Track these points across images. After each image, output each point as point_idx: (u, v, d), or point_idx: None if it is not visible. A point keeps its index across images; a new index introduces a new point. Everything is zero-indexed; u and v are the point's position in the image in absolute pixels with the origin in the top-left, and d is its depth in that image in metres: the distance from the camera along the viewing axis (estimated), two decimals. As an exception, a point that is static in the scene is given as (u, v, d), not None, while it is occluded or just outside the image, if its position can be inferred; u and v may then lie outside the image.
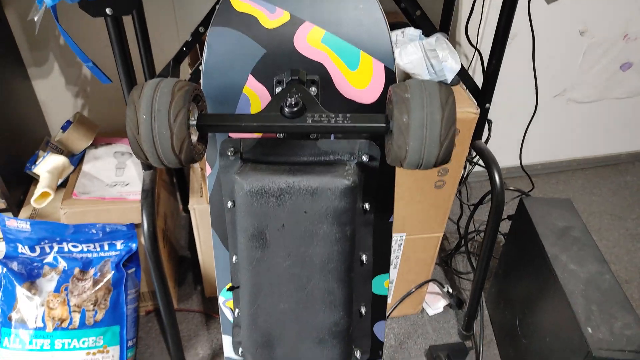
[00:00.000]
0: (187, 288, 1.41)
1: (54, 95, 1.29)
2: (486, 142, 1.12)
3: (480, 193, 1.28)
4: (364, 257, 0.77)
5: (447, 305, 1.37)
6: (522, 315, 1.13)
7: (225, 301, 0.84)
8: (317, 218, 0.68)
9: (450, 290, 1.32)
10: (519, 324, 1.15)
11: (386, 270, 0.81)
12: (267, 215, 0.69)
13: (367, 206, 0.74)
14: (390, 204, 0.77)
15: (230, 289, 0.78)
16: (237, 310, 0.81)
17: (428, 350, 1.24)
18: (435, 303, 1.36)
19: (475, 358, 1.25)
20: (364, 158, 0.71)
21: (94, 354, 1.07)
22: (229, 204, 0.74)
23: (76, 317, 1.05)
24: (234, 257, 0.78)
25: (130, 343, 1.13)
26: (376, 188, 0.74)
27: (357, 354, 0.81)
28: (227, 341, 0.86)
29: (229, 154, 0.72)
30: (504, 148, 1.45)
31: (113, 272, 1.09)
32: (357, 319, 0.80)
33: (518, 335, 1.14)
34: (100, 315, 1.08)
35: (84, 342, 1.06)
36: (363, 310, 0.80)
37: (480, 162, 1.08)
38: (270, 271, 0.72)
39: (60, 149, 1.16)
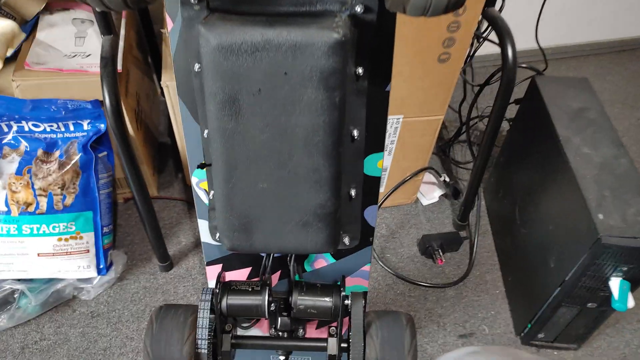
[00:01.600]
0: (167, 176, 1.32)
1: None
2: (499, 11, 0.97)
3: (485, 78, 1.16)
4: (355, 132, 0.67)
5: (442, 195, 1.30)
6: (524, 204, 1.06)
7: (199, 182, 0.75)
8: (300, 81, 0.57)
9: (447, 179, 1.25)
10: (518, 213, 1.08)
11: (380, 148, 0.71)
12: (239, 77, 0.57)
13: (360, 70, 0.62)
14: (387, 69, 0.65)
15: (201, 167, 0.68)
16: (211, 192, 0.72)
17: (421, 239, 1.19)
18: (431, 193, 1.29)
19: (469, 248, 1.20)
20: (358, 9, 0.58)
21: (66, 240, 1.01)
22: (196, 66, 0.62)
23: (43, 202, 0.97)
24: (206, 131, 0.67)
25: (105, 230, 1.06)
26: (372, 49, 0.62)
27: (346, 239, 0.74)
28: (203, 226, 0.78)
29: (193, 1, 0.59)
30: (516, 28, 1.30)
31: (80, 154, 0.99)
32: (347, 202, 0.72)
33: (517, 224, 1.08)
34: (69, 200, 0.99)
35: (54, 228, 0.99)
36: (353, 192, 0.71)
37: (490, 37, 0.94)
38: (245, 145, 0.62)
39: (9, 14, 1.01)
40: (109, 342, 1.02)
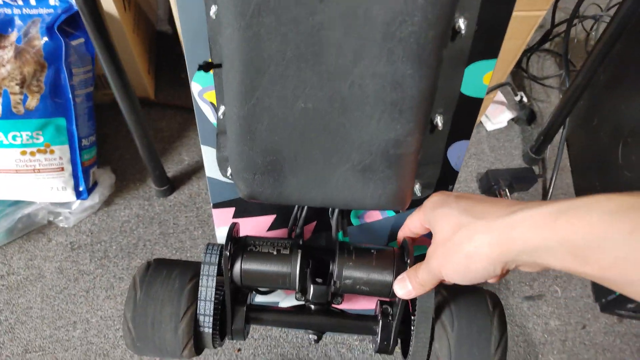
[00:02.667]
0: (168, 75, 1.06)
1: None
2: None
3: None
4: (461, 23, 0.40)
5: (512, 119, 1.03)
6: (632, 139, 0.80)
7: (202, 91, 0.49)
8: None
9: (525, 99, 0.97)
10: (622, 151, 0.82)
11: (494, 53, 0.44)
12: None
13: None
14: None
15: (204, 68, 0.42)
16: (222, 108, 0.47)
17: (484, 175, 0.94)
18: (498, 115, 1.02)
19: (543, 188, 0.96)
20: None
21: (32, 153, 0.77)
22: None
23: (-3, 103, 0.73)
24: (213, 7, 0.41)
25: (85, 142, 0.82)
26: None
27: (417, 187, 0.50)
28: (209, 155, 0.54)
29: None
30: None
31: (45, 39, 0.73)
32: (427, 135, 0.47)
33: (617, 165, 0.83)
34: (33, 102, 0.75)
35: (14, 138, 0.75)
36: (439, 120, 0.46)
37: None
38: (280, 35, 0.36)
39: None
40: (92, 281, 0.82)
